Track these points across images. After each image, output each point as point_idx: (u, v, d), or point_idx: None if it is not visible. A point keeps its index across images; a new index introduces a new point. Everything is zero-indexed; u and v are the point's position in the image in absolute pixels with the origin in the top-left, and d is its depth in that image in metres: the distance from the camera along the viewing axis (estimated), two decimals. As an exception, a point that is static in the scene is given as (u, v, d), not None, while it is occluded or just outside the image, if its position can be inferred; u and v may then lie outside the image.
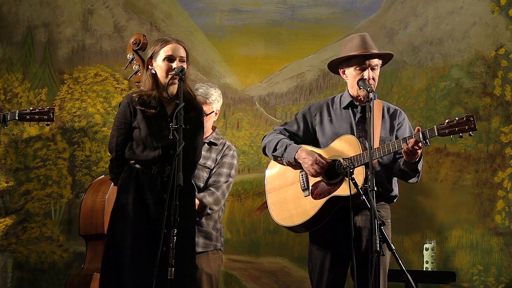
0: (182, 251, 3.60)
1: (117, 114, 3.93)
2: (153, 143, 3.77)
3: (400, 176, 4.03)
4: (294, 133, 4.13)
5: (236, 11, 5.87)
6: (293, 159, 3.98)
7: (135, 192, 3.76)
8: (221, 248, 4.53)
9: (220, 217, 4.56)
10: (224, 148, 4.54)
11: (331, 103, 4.15)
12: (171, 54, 3.80)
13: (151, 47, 3.89)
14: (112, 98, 5.83)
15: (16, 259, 5.68)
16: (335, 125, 4.06)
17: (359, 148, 3.88)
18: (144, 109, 3.80)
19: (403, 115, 4.15)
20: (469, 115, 3.65)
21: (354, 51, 4.00)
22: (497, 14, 5.67)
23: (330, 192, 3.91)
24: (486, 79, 5.66)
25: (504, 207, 5.55)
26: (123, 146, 3.86)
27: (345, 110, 4.08)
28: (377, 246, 3.40)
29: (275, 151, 4.05)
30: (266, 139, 4.14)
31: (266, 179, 4.18)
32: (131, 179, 3.79)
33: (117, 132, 3.88)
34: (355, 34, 4.11)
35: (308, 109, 4.17)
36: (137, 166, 3.82)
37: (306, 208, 3.95)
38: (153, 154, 3.78)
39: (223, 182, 4.45)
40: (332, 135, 4.03)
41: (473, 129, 3.63)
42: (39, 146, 5.79)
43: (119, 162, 3.89)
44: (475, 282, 5.50)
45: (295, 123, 4.15)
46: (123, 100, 3.94)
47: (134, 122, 3.83)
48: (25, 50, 5.88)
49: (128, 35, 5.80)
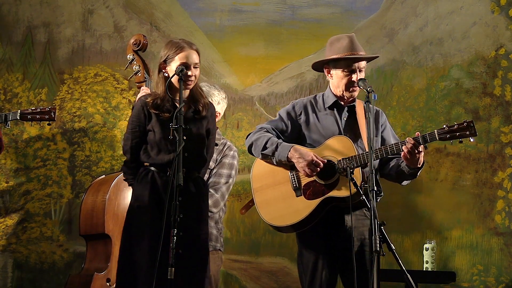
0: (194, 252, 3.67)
1: (131, 117, 3.95)
2: (167, 146, 3.78)
3: (395, 178, 4.02)
4: (281, 131, 4.10)
5: (236, 11, 5.87)
6: (286, 158, 3.95)
7: (151, 194, 3.78)
8: (220, 249, 4.52)
9: (221, 218, 4.56)
10: (225, 148, 4.53)
11: (314, 102, 4.13)
12: (186, 61, 3.80)
13: (164, 50, 3.87)
14: (112, 98, 5.83)
15: (16, 259, 5.68)
16: (322, 125, 4.05)
17: (353, 149, 3.88)
18: (159, 112, 3.81)
19: (384, 116, 4.15)
20: (469, 120, 3.66)
21: (342, 52, 3.99)
22: (497, 14, 5.67)
23: (325, 193, 3.89)
24: (486, 79, 5.65)
25: (504, 207, 5.55)
26: (138, 149, 3.88)
27: (330, 111, 4.07)
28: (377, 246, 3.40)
29: (265, 150, 4.01)
30: (252, 137, 4.09)
31: (253, 177, 4.13)
32: (147, 182, 3.81)
33: (131, 134, 3.89)
34: (342, 35, 4.10)
35: (292, 108, 4.14)
36: (152, 168, 3.83)
37: (299, 208, 3.93)
38: (168, 157, 3.78)
39: (223, 184, 4.45)
40: (320, 135, 4.02)
41: (473, 135, 3.63)
42: (39, 146, 5.79)
43: (133, 164, 3.91)
44: (475, 282, 5.50)
45: (281, 121, 4.12)
46: (136, 103, 3.96)
47: (148, 125, 3.84)
48: (25, 50, 5.88)
49: (128, 35, 5.80)
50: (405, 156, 3.76)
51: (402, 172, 3.93)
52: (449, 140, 3.66)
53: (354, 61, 3.97)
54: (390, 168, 4.02)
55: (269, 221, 4.03)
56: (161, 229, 3.60)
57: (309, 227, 3.93)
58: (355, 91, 4.02)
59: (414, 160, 3.78)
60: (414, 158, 3.76)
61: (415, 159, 3.76)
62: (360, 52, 4.00)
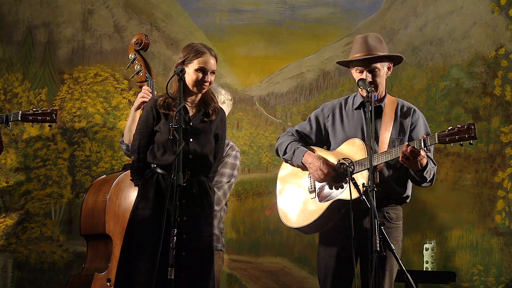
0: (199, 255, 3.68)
1: (140, 117, 3.99)
2: (173, 147, 3.78)
3: (411, 180, 4.00)
4: (307, 134, 4.17)
5: (236, 11, 5.87)
6: (301, 163, 4.04)
7: (155, 197, 3.78)
8: (222, 249, 4.52)
9: (222, 217, 4.56)
10: (227, 148, 4.54)
11: (344, 104, 4.14)
12: (204, 67, 3.83)
13: (184, 51, 3.88)
14: (112, 98, 5.83)
15: (16, 259, 5.68)
16: (346, 127, 4.06)
17: (365, 152, 3.88)
18: (168, 112, 3.83)
19: (418, 114, 4.06)
20: (470, 123, 3.65)
21: (354, 53, 4.00)
22: (497, 14, 5.67)
23: (334, 196, 3.92)
24: (486, 79, 5.65)
25: (504, 207, 5.55)
26: (145, 149, 3.89)
27: (357, 111, 4.07)
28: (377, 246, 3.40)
29: (285, 154, 4.12)
30: (278, 141, 4.21)
31: (278, 180, 4.23)
32: (151, 184, 3.81)
33: (139, 134, 3.91)
34: (359, 36, 4.07)
35: (321, 110, 4.18)
36: (158, 170, 3.84)
37: (312, 210, 3.98)
38: (172, 158, 3.78)
39: (225, 182, 4.45)
40: (343, 137, 4.04)
41: (473, 138, 3.62)
42: (39, 146, 5.79)
43: (141, 164, 3.91)
44: (475, 282, 5.50)
45: (308, 124, 4.18)
46: (147, 103, 4.00)
47: (156, 126, 3.85)
48: (25, 50, 5.88)
49: (128, 35, 5.80)
50: (402, 160, 3.74)
51: (411, 175, 3.93)
52: (449, 143, 3.65)
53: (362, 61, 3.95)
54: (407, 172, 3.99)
55: (286, 223, 4.12)
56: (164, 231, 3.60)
57: (330, 227, 3.96)
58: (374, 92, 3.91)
59: (412, 164, 3.75)
60: (412, 162, 3.73)
61: (412, 162, 3.74)
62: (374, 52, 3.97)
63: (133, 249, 3.76)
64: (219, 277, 4.52)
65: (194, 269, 3.70)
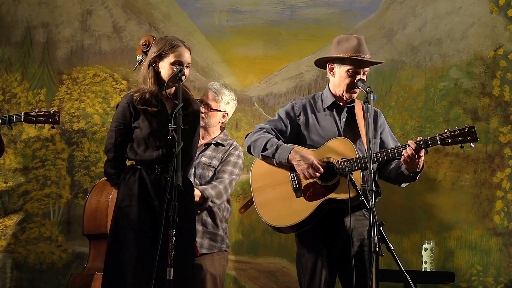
0: (181, 251, 3.61)
1: (115, 114, 3.90)
2: (156, 142, 3.76)
3: (394, 180, 4.02)
4: (280, 131, 4.09)
5: (235, 12, 5.87)
6: (286, 160, 3.94)
7: (139, 193, 3.75)
8: (226, 250, 4.53)
9: (226, 218, 4.57)
10: (231, 148, 4.56)
11: (313, 102, 4.12)
12: (181, 60, 3.81)
13: (158, 45, 3.87)
14: (111, 98, 5.82)
15: (15, 259, 5.68)
16: (322, 126, 4.04)
17: (354, 151, 3.88)
18: (146, 108, 3.80)
19: (383, 117, 4.15)
20: (470, 126, 3.67)
21: (351, 52, 3.98)
22: (496, 14, 5.68)
23: (325, 195, 3.89)
24: (485, 79, 5.66)
25: (503, 207, 5.55)
26: (122, 147, 3.85)
27: (329, 111, 4.06)
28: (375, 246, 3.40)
29: (265, 151, 3.99)
30: (251, 138, 4.07)
31: (252, 177, 4.11)
32: (135, 181, 3.77)
33: (115, 133, 3.85)
34: (351, 35, 4.09)
35: (291, 108, 4.13)
36: (139, 166, 3.80)
37: (298, 209, 3.92)
38: (156, 154, 3.76)
39: (227, 178, 4.46)
40: (319, 136, 4.02)
41: (474, 140, 3.64)
42: (38, 146, 5.79)
43: (117, 163, 3.87)
44: (474, 283, 5.50)
45: (280, 121, 4.10)
46: (122, 100, 3.92)
47: (134, 122, 3.81)
48: (24, 50, 5.88)
49: (127, 36, 5.80)
50: (405, 160, 3.77)
51: (401, 174, 3.94)
52: (451, 145, 3.67)
53: (361, 63, 3.96)
54: (389, 170, 4.02)
55: (268, 221, 4.02)
56: (149, 227, 3.59)
57: (308, 228, 3.93)
58: (355, 93, 4.02)
59: (414, 164, 3.78)
60: (414, 162, 3.77)
61: (415, 163, 3.77)
62: (367, 55, 3.99)
63: (119, 246, 3.72)
64: (223, 278, 4.53)
65: (179, 264, 3.62)
